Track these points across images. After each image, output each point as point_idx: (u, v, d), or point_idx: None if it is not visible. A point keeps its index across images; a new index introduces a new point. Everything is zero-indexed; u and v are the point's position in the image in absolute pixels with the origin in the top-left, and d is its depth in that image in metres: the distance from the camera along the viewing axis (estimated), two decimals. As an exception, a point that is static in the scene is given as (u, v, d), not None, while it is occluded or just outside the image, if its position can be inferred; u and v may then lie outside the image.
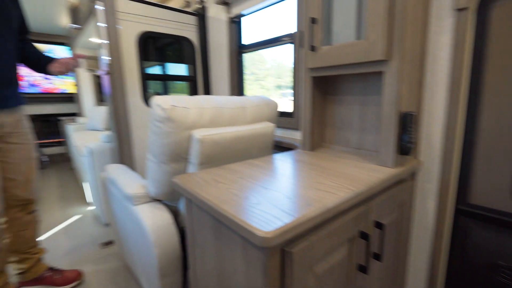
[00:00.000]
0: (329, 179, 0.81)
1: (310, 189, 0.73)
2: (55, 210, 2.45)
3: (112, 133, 1.93)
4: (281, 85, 2.18)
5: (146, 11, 1.94)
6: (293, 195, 0.69)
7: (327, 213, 0.62)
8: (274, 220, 0.55)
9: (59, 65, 1.33)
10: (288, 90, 2.10)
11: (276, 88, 2.25)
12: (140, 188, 1.18)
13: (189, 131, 1.02)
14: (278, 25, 1.80)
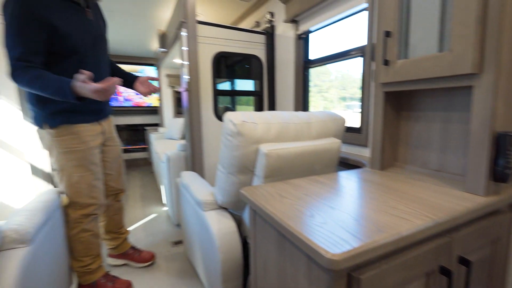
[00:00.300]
0: (403, 204, 0.75)
1: (380, 212, 0.69)
2: (137, 208, 2.82)
3: (187, 143, 2.15)
4: (346, 97, 2.11)
5: (221, 33, 2.14)
6: (361, 217, 0.66)
7: (401, 242, 0.58)
8: (341, 243, 0.54)
9: (144, 87, 1.50)
10: (353, 102, 2.02)
11: (340, 100, 2.18)
12: (209, 195, 1.29)
13: (256, 145, 1.08)
14: (346, 39, 1.77)
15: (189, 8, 1.86)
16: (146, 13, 2.86)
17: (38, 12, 1.07)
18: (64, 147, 1.26)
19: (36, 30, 1.08)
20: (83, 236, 1.38)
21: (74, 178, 1.30)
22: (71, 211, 1.35)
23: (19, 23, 1.05)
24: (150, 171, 4.42)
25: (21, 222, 0.97)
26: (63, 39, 1.15)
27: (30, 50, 1.08)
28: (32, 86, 1.08)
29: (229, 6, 2.70)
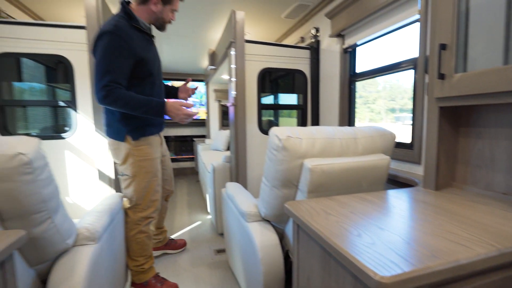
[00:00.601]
0: (462, 229, 0.69)
1: (435, 237, 0.65)
2: (183, 215, 2.99)
3: (231, 155, 2.24)
4: (395, 108, 2.01)
5: (266, 50, 2.22)
6: (413, 240, 0.63)
7: (459, 270, 0.54)
8: (391, 265, 0.52)
9: (184, 93, 1.76)
10: (403, 113, 1.91)
11: (388, 112, 2.08)
12: (253, 207, 1.33)
13: (301, 160, 1.09)
14: (395, 51, 1.71)
15: (238, 29, 1.98)
16: (199, 35, 3.11)
17: (127, 43, 1.26)
18: (141, 156, 1.45)
19: (125, 58, 1.27)
20: (139, 237, 1.53)
21: (143, 184, 1.48)
22: (133, 213, 1.51)
23: (112, 52, 1.24)
24: (196, 180, 4.66)
25: (91, 222, 1.12)
26: (143, 65, 1.36)
27: (121, 74, 1.26)
28: (124, 103, 1.27)
29: (275, 23, 2.81)
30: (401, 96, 1.92)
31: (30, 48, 1.83)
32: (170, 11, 1.44)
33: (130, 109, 1.30)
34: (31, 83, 2.48)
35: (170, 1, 1.41)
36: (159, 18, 1.42)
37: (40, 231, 0.86)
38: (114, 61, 1.24)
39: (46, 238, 0.88)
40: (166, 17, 1.44)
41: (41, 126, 2.56)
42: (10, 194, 0.76)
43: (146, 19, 1.41)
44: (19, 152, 0.74)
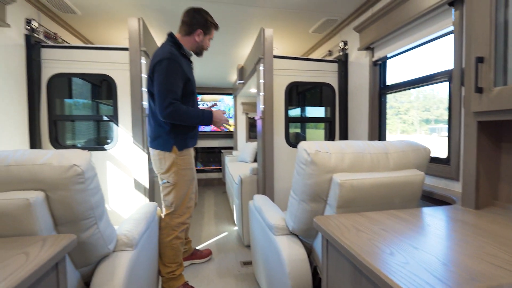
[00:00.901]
0: (505, 252, 0.65)
1: (475, 259, 0.62)
2: (211, 225, 3.05)
3: (259, 167, 2.28)
4: (429, 119, 1.92)
5: (294, 65, 2.27)
6: (450, 262, 0.61)
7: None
8: (426, 287, 0.51)
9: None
10: (439, 124, 1.81)
11: (422, 123, 1.98)
12: (281, 220, 1.33)
13: (330, 174, 1.09)
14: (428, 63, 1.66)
15: (267, 45, 2.05)
16: (229, 51, 3.25)
17: (180, 67, 1.50)
18: (183, 165, 1.62)
19: (180, 79, 1.51)
20: (175, 243, 1.64)
21: (182, 191, 1.64)
22: (171, 219, 1.64)
23: (171, 75, 1.47)
24: (223, 190, 4.74)
25: (129, 229, 1.20)
26: (189, 85, 1.59)
27: (178, 93, 1.50)
28: (186, 116, 1.51)
29: (302, 38, 2.86)
30: (436, 106, 1.84)
31: (80, 68, 2.04)
32: (208, 39, 1.69)
33: (188, 120, 1.54)
34: (79, 100, 2.74)
35: (209, 32, 1.66)
36: (200, 46, 1.67)
37: (87, 236, 0.94)
38: (173, 82, 1.47)
39: (91, 243, 0.97)
40: (205, 45, 1.69)
41: (86, 138, 2.79)
42: (64, 201, 0.85)
43: (189, 47, 1.66)
44: (74, 164, 0.83)
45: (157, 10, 2.24)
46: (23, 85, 1.92)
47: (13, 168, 0.80)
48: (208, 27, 1.63)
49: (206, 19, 1.62)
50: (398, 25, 1.63)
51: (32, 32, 1.94)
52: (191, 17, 1.59)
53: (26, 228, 0.79)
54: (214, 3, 2.13)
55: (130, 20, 1.93)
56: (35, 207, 0.79)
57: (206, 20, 1.62)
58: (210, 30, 1.66)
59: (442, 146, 1.53)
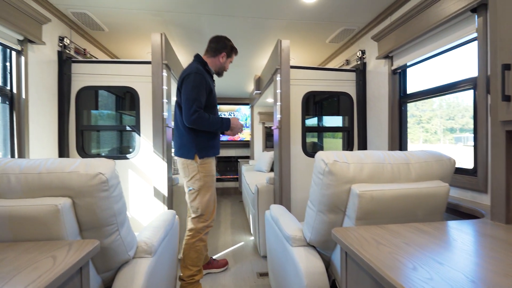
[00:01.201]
0: (542, 271, 0.60)
1: (506, 277, 0.58)
2: (227, 234, 3.04)
3: (275, 176, 2.27)
4: (454, 128, 1.84)
5: (311, 74, 2.27)
6: (479, 279, 0.57)
7: (540, 319, 0.47)
8: (452, 304, 0.49)
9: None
10: (465, 133, 1.74)
11: (446, 131, 1.90)
12: (298, 231, 1.32)
13: (348, 185, 1.07)
14: (450, 70, 1.61)
15: (284, 56, 2.08)
16: (247, 63, 3.32)
17: (205, 80, 1.70)
18: (206, 172, 1.76)
19: (204, 90, 1.69)
20: (198, 245, 1.76)
21: (206, 196, 1.77)
22: (197, 222, 1.77)
23: (197, 86, 1.65)
24: (239, 200, 4.74)
25: (149, 236, 1.22)
26: (211, 96, 1.78)
27: (202, 102, 1.68)
28: (208, 123, 1.68)
29: (319, 48, 2.87)
30: (461, 115, 1.77)
31: (106, 81, 2.16)
32: (229, 62, 1.92)
33: (210, 126, 1.71)
34: (104, 111, 2.88)
35: (230, 56, 1.90)
36: (222, 67, 1.90)
37: (109, 242, 0.97)
38: (198, 93, 1.66)
39: (113, 249, 1.00)
40: (226, 66, 1.92)
41: (110, 147, 2.92)
42: (89, 207, 0.89)
43: (213, 67, 1.87)
44: (99, 172, 0.87)
45: (178, 25, 2.34)
46: (55, 97, 2.05)
47: (44, 176, 0.86)
48: (230, 51, 1.88)
49: (230, 45, 1.88)
50: (418, 33, 1.60)
51: (64, 49, 2.08)
52: (217, 42, 1.85)
53: (54, 233, 0.83)
54: (234, 17, 2.20)
55: (153, 35, 2.02)
56: (63, 213, 0.83)
57: (230, 46, 1.88)
58: (231, 54, 1.91)
59: (469, 156, 1.46)
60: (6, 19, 1.52)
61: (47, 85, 1.97)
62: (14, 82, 1.68)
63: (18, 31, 1.61)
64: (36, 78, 1.85)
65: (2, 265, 0.67)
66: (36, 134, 1.85)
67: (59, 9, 2.02)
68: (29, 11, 1.67)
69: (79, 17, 2.16)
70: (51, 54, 2.01)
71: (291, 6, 2.01)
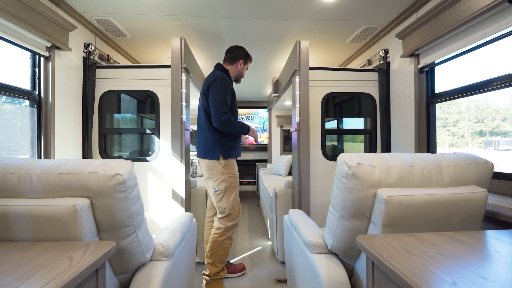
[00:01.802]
0: None
1: None
2: (244, 239, 3.01)
3: (294, 180, 2.21)
4: (484, 131, 1.73)
5: (331, 75, 2.20)
6: (535, 300, 0.50)
7: None
8: (506, 329, 0.42)
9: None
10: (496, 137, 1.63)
11: (474, 135, 1.78)
12: (318, 237, 1.25)
13: (374, 189, 1.00)
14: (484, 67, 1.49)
15: (303, 57, 2.03)
16: (264, 65, 3.30)
17: (229, 85, 1.81)
18: (230, 173, 1.84)
19: (229, 95, 1.79)
20: (226, 243, 1.85)
21: (232, 196, 1.85)
22: (225, 221, 1.84)
23: (224, 91, 1.75)
24: (257, 203, 4.70)
25: (166, 239, 1.21)
26: (234, 101, 1.87)
27: (228, 106, 1.76)
28: (234, 126, 1.77)
29: (339, 49, 2.79)
30: (491, 117, 1.67)
31: (127, 86, 2.21)
32: (245, 69, 2.01)
33: (235, 129, 1.79)
34: (126, 114, 2.96)
35: (247, 62, 2.00)
36: (239, 73, 1.99)
37: (126, 243, 0.97)
38: (225, 97, 1.76)
39: (130, 251, 0.99)
40: (243, 73, 2.02)
41: (131, 150, 2.99)
42: (107, 208, 0.89)
43: (232, 75, 1.97)
44: (117, 173, 0.87)
45: (197, 29, 2.37)
46: (79, 101, 2.12)
47: (64, 176, 0.86)
48: (246, 58, 1.98)
49: (246, 53, 1.99)
50: (448, 28, 1.50)
51: (88, 55, 2.16)
52: (235, 51, 1.95)
53: (72, 233, 0.83)
54: (252, 19, 2.19)
55: (173, 40, 2.05)
56: (81, 214, 0.83)
57: (245, 53, 1.98)
58: (247, 61, 2.01)
59: (501, 160, 1.34)
60: (35, 26, 1.60)
61: (73, 90, 2.05)
62: (42, 87, 1.75)
63: (46, 38, 1.68)
64: (62, 83, 1.93)
65: (21, 264, 0.67)
66: (61, 136, 1.92)
67: (85, 17, 2.11)
68: (57, 19, 1.74)
69: (103, 24, 2.23)
70: (77, 60, 2.09)
71: (310, 6, 1.97)
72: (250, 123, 5.47)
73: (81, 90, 2.14)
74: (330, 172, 2.22)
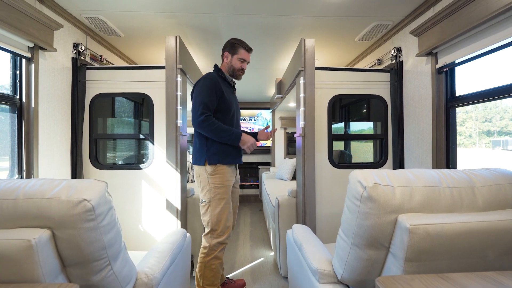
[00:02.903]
0: None
1: None
2: (246, 248, 2.85)
3: (298, 189, 2.04)
4: (491, 131, 1.67)
5: (338, 76, 2.04)
6: None
7: None
8: None
9: (262, 136, 1.86)
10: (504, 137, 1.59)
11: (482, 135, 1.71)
12: (326, 264, 1.09)
13: (394, 215, 0.84)
14: None
15: (308, 57, 1.87)
16: (267, 65, 3.14)
17: (215, 84, 1.62)
18: (217, 182, 1.61)
19: (214, 94, 1.60)
20: (214, 263, 1.62)
21: (218, 209, 1.61)
22: (210, 239, 1.62)
23: (205, 90, 1.58)
24: (259, 208, 4.54)
25: (151, 266, 1.06)
26: (224, 100, 1.65)
27: (210, 105, 1.58)
28: (214, 129, 1.55)
29: (346, 47, 2.62)
30: (499, 116, 1.62)
31: (120, 88, 2.07)
32: (237, 59, 1.72)
33: (216, 133, 1.57)
34: (120, 119, 2.82)
35: (235, 52, 1.72)
36: (231, 67, 1.74)
37: (99, 278, 0.82)
38: (206, 96, 1.58)
39: (104, 286, 0.84)
40: (235, 65, 1.73)
41: (124, 157, 2.84)
42: (72, 240, 0.74)
43: (226, 72, 1.76)
44: (83, 199, 0.72)
45: (194, 27, 2.21)
46: (68, 105, 1.99)
47: (20, 202, 0.72)
48: (233, 47, 1.72)
49: (232, 42, 1.73)
50: (472, 23, 1.32)
51: (78, 55, 2.02)
52: (223, 47, 1.77)
53: (27, 273, 0.68)
54: (253, 16, 2.03)
55: (167, 39, 1.90)
56: (38, 250, 0.68)
57: (230, 43, 1.73)
58: (236, 50, 1.72)
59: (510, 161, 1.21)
60: (15, 25, 1.46)
61: (60, 93, 1.91)
62: (24, 91, 1.61)
63: (28, 38, 1.54)
64: (48, 86, 1.79)
65: None
66: (46, 144, 1.78)
67: (73, 14, 1.97)
68: (40, 17, 1.60)
69: (94, 23, 2.09)
70: (65, 61, 1.95)
71: (315, 1, 1.80)
72: (253, 125, 5.29)
73: (70, 93, 2.00)
74: (337, 180, 2.05)
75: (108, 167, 2.07)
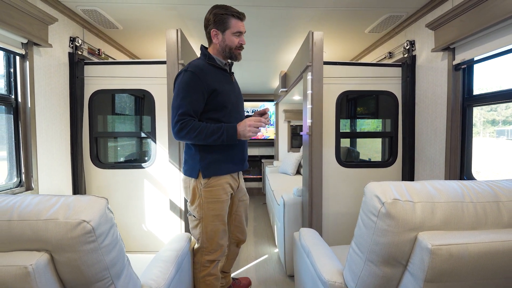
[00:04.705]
0: None
1: None
2: (250, 244, 2.84)
3: (304, 188, 2.00)
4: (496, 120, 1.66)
5: (347, 71, 1.95)
6: None
7: None
8: None
9: None
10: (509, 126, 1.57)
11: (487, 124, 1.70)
12: (337, 275, 1.05)
13: (414, 232, 0.78)
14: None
15: (316, 51, 1.78)
16: (271, 57, 3.03)
17: (199, 78, 1.27)
18: (211, 197, 1.35)
19: (200, 93, 1.27)
20: (208, 279, 1.45)
21: (210, 227, 1.38)
22: (200, 256, 1.43)
23: (184, 88, 1.26)
24: (263, 201, 4.52)
25: (156, 277, 1.03)
26: (216, 95, 1.33)
27: (193, 107, 1.27)
28: (195, 135, 1.24)
29: (355, 39, 2.50)
30: (504, 106, 1.60)
31: (120, 84, 1.99)
32: (232, 35, 1.34)
33: (203, 138, 1.26)
34: (121, 115, 2.75)
35: (225, 25, 1.32)
36: (226, 47, 1.36)
37: (102, 299, 0.78)
38: (186, 96, 1.26)
39: (108, 305, 0.80)
40: (230, 43, 1.35)
41: (126, 155, 2.79)
42: (72, 264, 0.69)
43: (219, 55, 1.40)
44: (82, 220, 0.67)
45: (196, 20, 2.11)
46: (66, 103, 1.92)
47: (15, 224, 0.67)
48: (219, 20, 1.31)
49: (214, 12, 1.32)
50: (496, 18, 1.23)
51: (75, 50, 1.94)
52: (205, 22, 1.37)
53: (25, 302, 0.64)
54: (258, 7, 1.92)
55: (168, 32, 1.81)
56: (36, 277, 0.63)
57: (216, 14, 1.31)
58: (227, 23, 1.31)
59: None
60: (5, 21, 1.37)
61: (57, 91, 1.84)
62: (19, 90, 1.54)
63: (20, 33, 1.46)
64: (44, 83, 1.72)
65: None
66: (45, 145, 1.72)
67: (68, 7, 1.87)
68: (32, 11, 1.51)
69: (90, 15, 2.00)
70: (62, 56, 1.87)
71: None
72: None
73: (68, 90, 1.93)
74: (345, 180, 2.00)
75: (109, 166, 2.03)
